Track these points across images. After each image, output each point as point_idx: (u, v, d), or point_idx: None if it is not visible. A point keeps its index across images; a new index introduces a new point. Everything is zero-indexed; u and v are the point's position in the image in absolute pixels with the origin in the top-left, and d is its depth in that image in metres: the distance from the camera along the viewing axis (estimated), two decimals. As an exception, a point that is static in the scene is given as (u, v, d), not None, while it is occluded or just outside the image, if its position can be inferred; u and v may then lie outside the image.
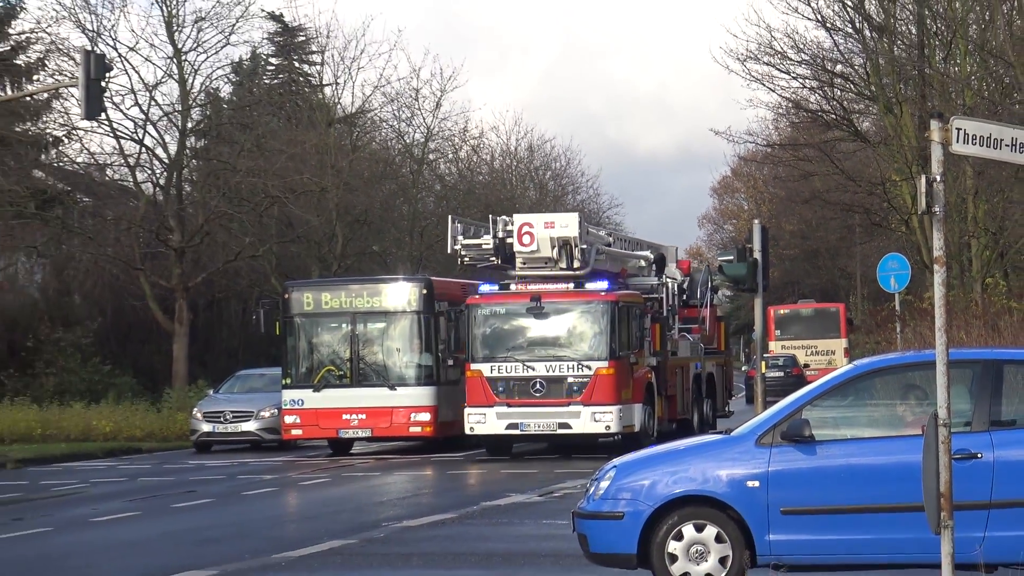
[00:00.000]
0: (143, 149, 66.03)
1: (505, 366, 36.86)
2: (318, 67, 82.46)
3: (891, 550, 15.63)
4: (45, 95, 62.21)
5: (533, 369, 36.55)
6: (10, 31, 65.13)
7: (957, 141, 13.62)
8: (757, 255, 35.44)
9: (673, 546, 16.07)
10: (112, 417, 53.16)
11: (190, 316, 65.03)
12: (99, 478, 39.06)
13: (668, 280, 43.13)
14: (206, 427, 48.76)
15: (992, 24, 50.74)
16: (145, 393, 60.70)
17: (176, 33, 65.70)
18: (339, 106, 79.36)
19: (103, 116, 53.50)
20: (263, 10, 74.47)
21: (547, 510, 26.88)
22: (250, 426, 48.34)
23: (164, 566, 20.70)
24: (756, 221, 40.08)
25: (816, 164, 66.46)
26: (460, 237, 38.68)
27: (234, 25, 67.65)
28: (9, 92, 62.16)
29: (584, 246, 36.99)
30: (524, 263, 37.70)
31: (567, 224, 36.76)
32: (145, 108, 65.53)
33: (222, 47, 68.68)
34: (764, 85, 58.34)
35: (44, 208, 61.85)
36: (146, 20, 66.99)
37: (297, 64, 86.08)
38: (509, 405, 36.60)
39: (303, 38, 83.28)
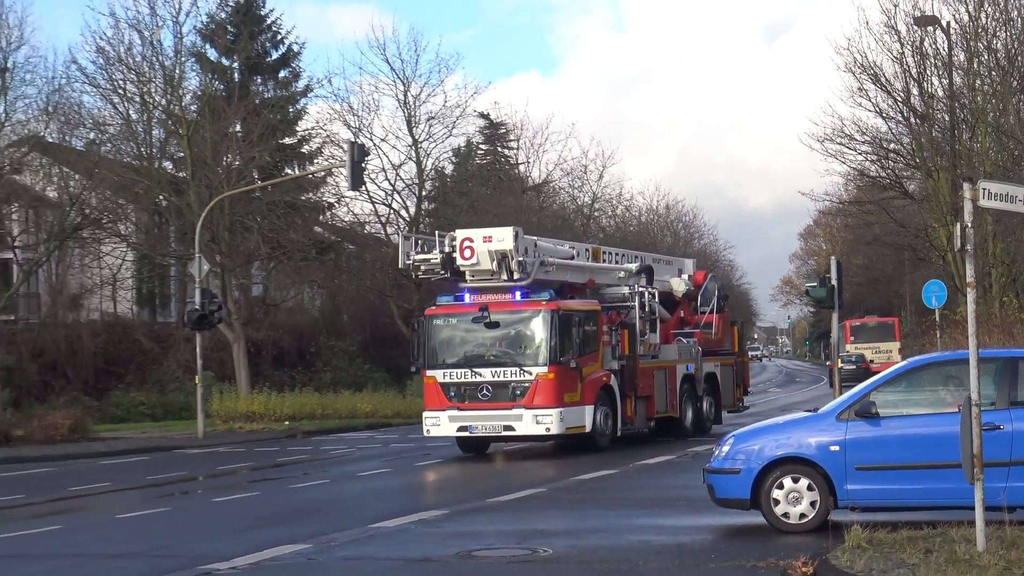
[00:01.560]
0: (391, 211, 66.64)
1: (456, 372, 30.33)
2: (514, 151, 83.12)
3: (937, 496, 15.63)
4: (322, 173, 62.85)
5: (481, 375, 29.95)
6: (297, 128, 65.92)
7: (983, 198, 13.48)
8: (833, 282, 34.89)
9: (776, 493, 16.19)
10: (371, 401, 53.42)
11: (426, 330, 65.50)
12: (362, 445, 39.36)
13: (641, 289, 34.47)
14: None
15: (1005, 112, 50.26)
16: (394, 384, 60.92)
17: (414, 128, 66.09)
18: (529, 178, 79.86)
19: (363, 188, 53.96)
20: (475, 111, 75.10)
21: (683, 467, 26.68)
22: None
23: (412, 506, 20.77)
24: (832, 257, 39.18)
25: (876, 216, 65.88)
26: (412, 252, 31.78)
27: (455, 122, 68.07)
28: (297, 172, 62.90)
29: (521, 258, 30.08)
30: (472, 275, 30.94)
31: (503, 238, 30.05)
32: (392, 182, 66.06)
33: (446, 138, 69.08)
34: (837, 159, 57.67)
35: (322, 254, 62.30)
36: (392, 119, 67.74)
37: (499, 149, 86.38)
38: (460, 409, 30.15)
39: (504, 130, 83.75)
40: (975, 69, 51.51)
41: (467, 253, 30.31)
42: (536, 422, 29.62)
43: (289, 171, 63.19)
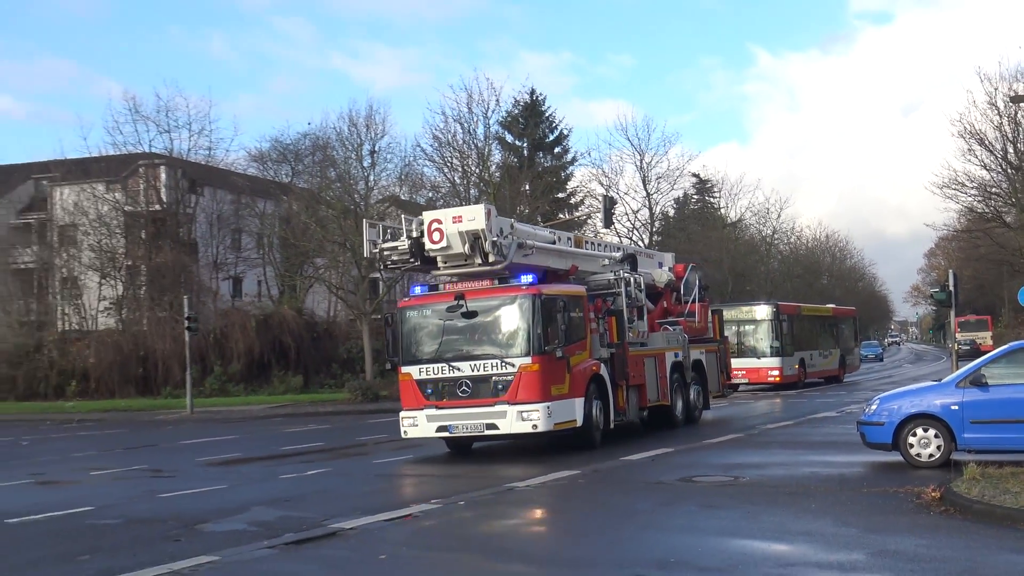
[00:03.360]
0: (631, 242, 66.66)
1: (432, 367, 20.05)
2: (717, 198, 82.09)
3: None
4: (584, 217, 63.01)
5: (459, 370, 19.80)
6: (567, 186, 66.29)
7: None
8: (951, 289, 33.32)
9: (911, 439, 15.78)
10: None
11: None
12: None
13: (627, 275, 24.05)
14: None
15: None
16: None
17: (647, 185, 66.29)
18: (728, 218, 78.85)
19: (612, 227, 53.94)
20: (690, 172, 74.90)
21: (841, 420, 25.74)
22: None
23: (649, 446, 20.65)
24: (950, 271, 37.37)
25: (981, 240, 64.11)
26: (378, 241, 21.33)
27: (675, 180, 68.31)
28: (566, 216, 63.15)
29: (495, 239, 19.86)
30: (444, 262, 20.65)
31: (474, 217, 19.90)
32: (632, 222, 66.19)
33: (669, 191, 69.55)
34: (952, 200, 57.16)
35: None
36: (632, 179, 68.25)
37: (707, 197, 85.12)
38: (438, 407, 19.88)
39: (710, 184, 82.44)
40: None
41: (436, 236, 20.08)
42: (521, 419, 19.36)
43: (561, 216, 63.39)
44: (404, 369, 20.26)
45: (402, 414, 20.23)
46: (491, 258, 19.88)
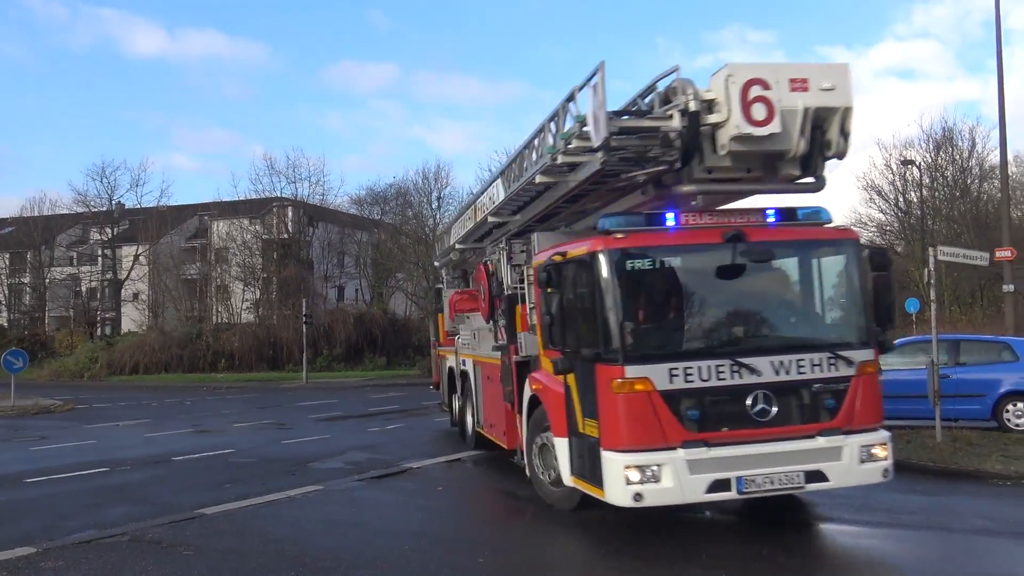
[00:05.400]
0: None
1: (700, 368, 4.97)
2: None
3: (914, 413, 14.82)
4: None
5: (753, 372, 5.00)
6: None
7: (939, 255, 12.76)
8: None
9: None
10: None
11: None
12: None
13: None
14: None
15: (951, 210, 48.96)
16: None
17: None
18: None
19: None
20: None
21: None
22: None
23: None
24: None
25: (879, 265, 63.59)
26: (601, 114, 4.71)
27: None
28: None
29: (849, 131, 4.52)
30: (735, 162, 4.80)
31: (833, 84, 4.44)
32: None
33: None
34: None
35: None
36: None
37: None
38: (709, 443, 5.05)
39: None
40: (934, 186, 51.04)
41: (758, 112, 4.97)
42: (862, 459, 6.52)
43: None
44: (631, 371, 6.67)
45: (618, 459, 6.72)
46: (822, 170, 7.04)
